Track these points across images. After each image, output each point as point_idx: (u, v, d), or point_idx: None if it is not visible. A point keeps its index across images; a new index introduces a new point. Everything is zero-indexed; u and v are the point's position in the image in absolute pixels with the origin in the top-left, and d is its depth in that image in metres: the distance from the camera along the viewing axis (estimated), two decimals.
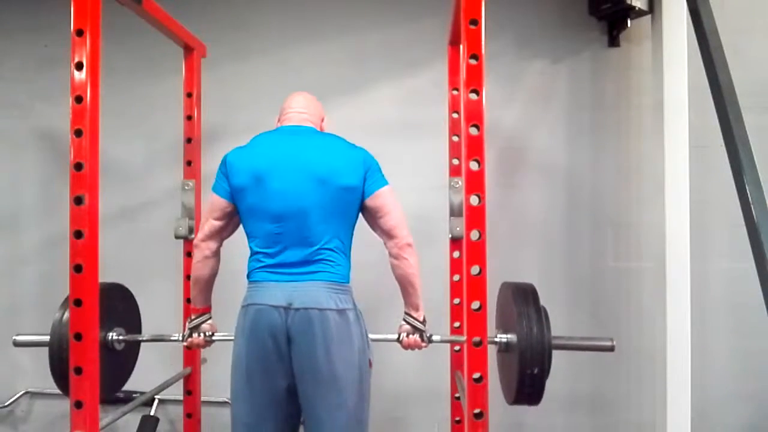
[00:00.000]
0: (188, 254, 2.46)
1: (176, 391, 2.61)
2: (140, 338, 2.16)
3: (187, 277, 2.46)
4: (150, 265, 2.92)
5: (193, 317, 1.99)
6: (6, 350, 3.04)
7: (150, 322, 2.82)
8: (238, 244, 1.95)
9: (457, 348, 2.45)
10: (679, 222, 2.31)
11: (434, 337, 1.92)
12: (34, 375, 2.97)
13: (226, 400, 2.67)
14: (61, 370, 1.86)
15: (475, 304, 1.62)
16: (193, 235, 2.44)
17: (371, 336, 1.89)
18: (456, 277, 2.46)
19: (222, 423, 2.73)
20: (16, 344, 2.07)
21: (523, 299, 1.88)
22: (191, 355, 2.47)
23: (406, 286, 1.86)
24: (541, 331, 1.80)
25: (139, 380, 2.30)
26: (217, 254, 1.93)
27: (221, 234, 1.92)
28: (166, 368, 2.55)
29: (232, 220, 1.92)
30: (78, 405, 1.65)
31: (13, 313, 3.04)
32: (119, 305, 2.14)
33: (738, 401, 2.62)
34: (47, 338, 1.94)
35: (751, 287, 1.94)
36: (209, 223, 1.90)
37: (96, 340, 1.69)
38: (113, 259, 2.74)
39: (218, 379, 2.07)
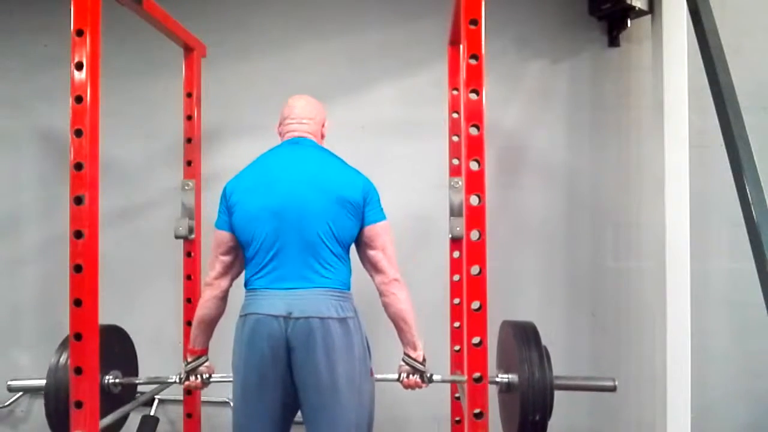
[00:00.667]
0: (188, 254, 2.46)
1: (176, 391, 2.60)
2: (137, 381, 2.15)
3: (188, 277, 2.46)
4: (150, 265, 2.92)
5: (189, 359, 1.96)
6: (6, 350, 3.05)
7: (150, 322, 2.83)
8: None
9: (457, 348, 2.45)
10: (679, 222, 2.31)
11: (435, 377, 1.89)
12: (34, 375, 2.97)
13: (226, 400, 2.68)
14: (57, 414, 1.87)
15: (475, 304, 1.61)
16: (193, 235, 2.45)
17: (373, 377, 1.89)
18: (456, 277, 2.46)
19: (222, 423, 2.74)
20: (11, 390, 2.07)
21: (524, 340, 1.87)
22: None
23: (399, 324, 1.83)
24: (543, 374, 1.78)
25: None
26: (226, 295, 1.91)
27: (232, 270, 1.90)
28: (166, 368, 2.55)
29: (238, 255, 1.88)
30: (78, 405, 1.64)
31: (13, 313, 3.05)
32: (116, 347, 2.12)
33: (738, 401, 2.62)
34: (43, 382, 1.93)
35: (751, 287, 1.94)
36: (219, 260, 1.87)
37: (96, 341, 1.69)
38: (113, 259, 2.75)
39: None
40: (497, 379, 1.93)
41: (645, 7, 2.48)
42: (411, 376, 1.86)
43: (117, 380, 2.04)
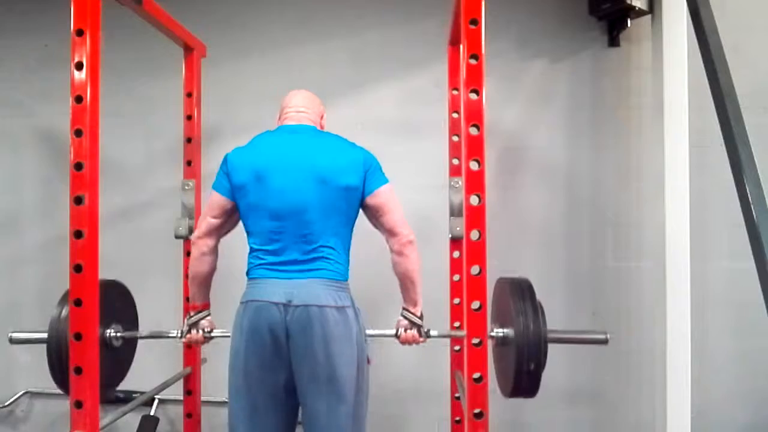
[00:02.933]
0: (188, 254, 2.45)
1: (176, 391, 2.61)
2: (138, 335, 2.15)
3: (187, 277, 2.46)
4: (150, 265, 2.92)
5: (192, 314, 2.00)
6: (6, 350, 3.04)
7: (150, 322, 2.82)
8: (237, 241, 1.95)
9: (457, 348, 2.45)
10: (679, 222, 2.31)
11: (432, 332, 1.93)
12: (34, 375, 2.97)
13: (226, 400, 2.67)
14: (60, 367, 1.86)
15: (475, 304, 1.62)
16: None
17: (369, 332, 1.90)
18: (456, 277, 2.46)
19: (222, 423, 2.73)
20: (12, 341, 2.04)
21: (519, 294, 1.89)
22: (191, 354, 2.47)
23: (405, 282, 1.88)
24: (537, 326, 1.81)
25: (139, 380, 2.30)
26: (214, 251, 1.93)
27: (219, 231, 1.93)
28: (166, 368, 2.55)
29: (230, 218, 1.92)
30: (78, 405, 1.65)
31: (13, 313, 3.04)
32: (116, 302, 2.13)
33: (738, 401, 2.62)
34: (45, 335, 1.92)
35: (751, 287, 1.93)
36: (207, 221, 1.90)
37: (96, 340, 1.69)
38: (113, 259, 2.75)
39: (218, 379, 2.06)
40: (492, 334, 1.94)
41: (645, 7, 2.48)
42: (408, 330, 1.90)
43: (118, 334, 2.04)
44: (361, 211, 1.91)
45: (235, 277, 1.92)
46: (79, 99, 1.65)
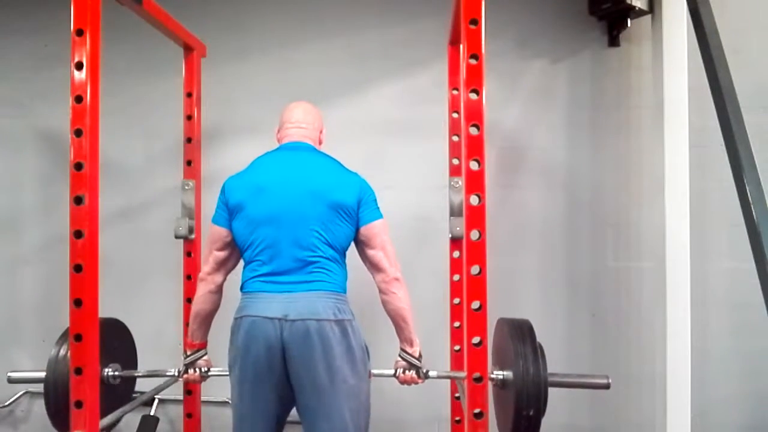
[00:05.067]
0: (188, 254, 2.46)
1: (176, 391, 2.61)
2: (136, 374, 2.16)
3: (188, 277, 2.46)
4: (150, 265, 2.92)
5: (188, 353, 1.98)
6: (6, 350, 3.05)
7: (150, 322, 2.82)
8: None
9: (457, 348, 2.45)
10: (679, 222, 2.31)
11: (431, 373, 1.91)
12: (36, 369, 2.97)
13: (226, 400, 2.68)
14: (56, 406, 1.87)
15: (475, 304, 1.61)
16: (193, 235, 2.45)
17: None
18: (456, 277, 2.46)
19: (222, 423, 2.74)
20: (11, 381, 2.06)
21: (519, 337, 1.87)
22: None
23: (398, 321, 1.85)
24: (537, 371, 1.79)
25: (139, 380, 2.30)
26: (220, 290, 1.93)
27: (226, 265, 1.92)
28: (165, 368, 2.55)
29: (234, 250, 1.90)
30: (78, 405, 1.64)
31: (12, 313, 3.05)
32: (115, 341, 2.12)
33: (738, 401, 2.61)
34: (43, 374, 1.92)
35: (751, 287, 1.94)
36: (213, 255, 1.89)
37: (96, 342, 1.69)
38: (113, 259, 2.76)
39: (218, 379, 2.06)
40: (492, 376, 1.93)
41: (645, 7, 2.48)
42: (407, 371, 1.88)
43: (116, 373, 2.04)
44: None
45: (233, 286, 1.92)
46: (79, 99, 1.65)
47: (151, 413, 2.79)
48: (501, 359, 1.99)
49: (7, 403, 2.98)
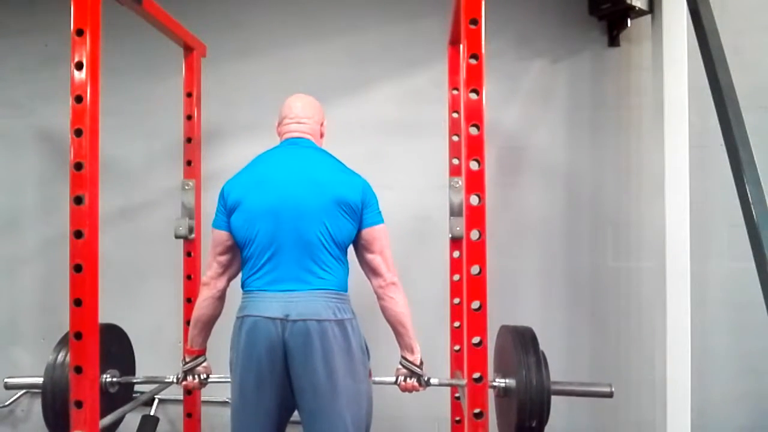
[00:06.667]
0: (188, 254, 2.46)
1: (176, 391, 2.60)
2: (134, 380, 2.15)
3: (188, 277, 2.46)
4: (150, 265, 2.92)
5: (187, 359, 1.96)
6: (6, 350, 3.05)
7: (150, 322, 2.82)
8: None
9: (456, 347, 2.45)
10: (679, 222, 2.31)
11: (432, 380, 1.89)
12: (34, 375, 2.97)
13: (226, 400, 2.67)
14: (54, 412, 1.87)
15: (475, 304, 1.61)
16: (193, 235, 2.45)
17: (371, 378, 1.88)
18: (456, 277, 2.46)
19: (222, 423, 2.74)
20: (8, 387, 2.06)
21: (522, 345, 1.87)
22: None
23: (397, 327, 1.83)
24: (540, 380, 1.79)
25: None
26: (223, 295, 1.91)
27: (229, 270, 1.89)
28: (166, 368, 2.54)
29: (236, 254, 1.88)
30: (78, 405, 1.64)
31: (12, 313, 3.05)
32: (113, 347, 2.12)
33: (738, 401, 2.62)
34: (40, 380, 1.92)
35: (751, 287, 1.94)
36: (216, 260, 1.87)
37: (96, 342, 1.69)
38: (113, 259, 2.76)
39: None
40: (494, 383, 1.92)
41: (645, 7, 2.48)
42: (408, 379, 1.86)
43: (114, 379, 2.04)
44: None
45: (233, 286, 1.92)
46: (79, 99, 1.65)
47: (151, 413, 2.78)
48: (504, 367, 1.99)
49: (7, 403, 2.97)
